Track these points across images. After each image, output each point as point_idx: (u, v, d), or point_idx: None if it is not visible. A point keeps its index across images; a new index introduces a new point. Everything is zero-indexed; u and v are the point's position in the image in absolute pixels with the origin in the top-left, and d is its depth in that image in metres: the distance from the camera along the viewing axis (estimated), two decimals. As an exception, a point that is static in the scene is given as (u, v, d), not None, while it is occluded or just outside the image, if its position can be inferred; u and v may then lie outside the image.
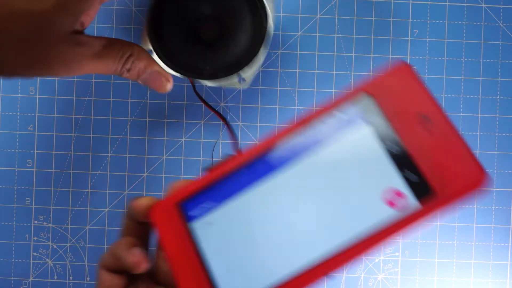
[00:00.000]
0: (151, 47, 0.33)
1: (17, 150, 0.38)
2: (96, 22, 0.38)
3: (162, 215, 0.25)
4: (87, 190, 0.38)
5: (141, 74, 0.31)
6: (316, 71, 0.38)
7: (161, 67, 0.32)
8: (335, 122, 0.25)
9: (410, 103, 0.24)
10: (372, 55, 0.38)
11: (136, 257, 0.25)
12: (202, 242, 0.25)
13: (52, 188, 0.38)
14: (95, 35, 0.32)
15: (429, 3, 0.38)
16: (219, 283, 0.24)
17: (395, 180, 0.24)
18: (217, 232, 0.25)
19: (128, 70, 0.30)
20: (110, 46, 0.29)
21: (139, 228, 0.27)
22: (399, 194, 0.23)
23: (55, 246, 0.38)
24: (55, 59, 0.27)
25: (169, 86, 0.32)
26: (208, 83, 0.34)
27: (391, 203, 0.24)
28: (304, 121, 0.25)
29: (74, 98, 0.38)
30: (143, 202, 0.26)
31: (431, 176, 0.23)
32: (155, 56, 0.33)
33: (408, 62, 0.25)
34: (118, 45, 0.30)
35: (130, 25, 0.38)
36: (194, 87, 0.37)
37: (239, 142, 0.38)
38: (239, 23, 0.34)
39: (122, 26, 0.38)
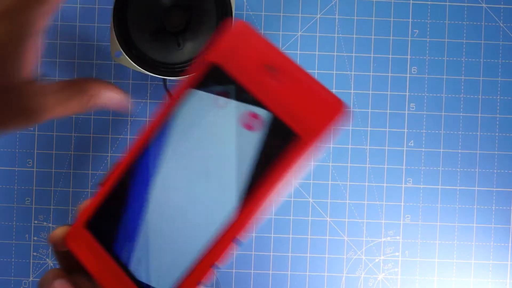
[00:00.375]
0: (120, 49, 0.34)
1: (17, 150, 0.38)
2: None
3: (76, 240, 0.27)
4: (87, 190, 0.38)
5: (100, 103, 0.31)
6: (316, 71, 0.38)
7: (117, 90, 0.31)
8: (195, 100, 0.26)
9: (253, 58, 0.25)
10: (372, 55, 0.38)
11: None
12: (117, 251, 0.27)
13: (52, 188, 0.38)
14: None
15: (429, 3, 0.38)
16: (139, 277, 0.26)
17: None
18: (126, 236, 0.27)
19: (90, 106, 0.30)
20: (67, 89, 0.29)
21: (67, 256, 0.28)
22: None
23: (55, 246, 0.38)
24: (13, 114, 0.28)
25: (129, 105, 0.32)
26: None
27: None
28: (167, 108, 0.26)
29: (74, 98, 0.38)
30: (57, 233, 0.27)
31: (294, 122, 0.25)
32: (125, 58, 0.34)
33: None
34: (76, 87, 0.29)
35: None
36: (165, 85, 0.37)
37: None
38: (204, 12, 0.34)
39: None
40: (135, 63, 0.34)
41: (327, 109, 0.25)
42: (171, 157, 0.27)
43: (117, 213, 0.27)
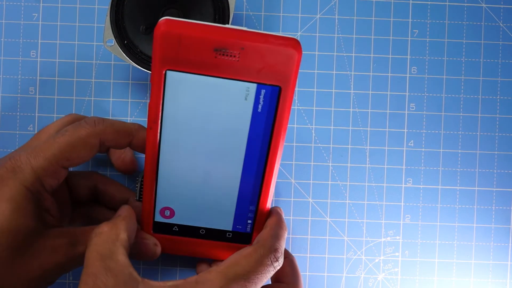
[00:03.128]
0: (113, 38, 0.34)
1: (17, 150, 0.38)
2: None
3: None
4: (87, 190, 0.38)
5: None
6: (316, 71, 0.38)
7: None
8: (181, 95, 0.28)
9: (200, 49, 0.26)
10: (372, 55, 0.38)
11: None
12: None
13: (52, 188, 0.38)
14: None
15: (429, 3, 0.38)
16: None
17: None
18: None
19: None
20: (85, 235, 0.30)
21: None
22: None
23: (55, 246, 0.38)
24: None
25: (158, 250, 0.32)
26: None
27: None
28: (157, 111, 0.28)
29: (74, 98, 0.38)
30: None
31: (268, 79, 0.27)
32: (119, 50, 0.34)
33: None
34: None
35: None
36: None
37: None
38: (201, 9, 0.34)
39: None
40: (124, 54, 0.34)
41: (288, 52, 0.26)
42: (185, 141, 0.29)
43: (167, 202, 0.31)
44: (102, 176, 0.35)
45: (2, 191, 0.27)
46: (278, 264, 0.30)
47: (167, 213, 0.32)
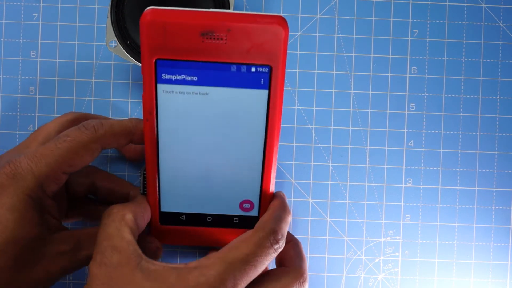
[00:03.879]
0: (115, 39, 0.34)
1: (17, 150, 0.38)
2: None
3: (160, 234, 0.34)
4: (87, 190, 0.38)
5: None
6: (316, 71, 0.38)
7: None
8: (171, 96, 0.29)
9: (188, 35, 0.27)
10: (372, 55, 0.38)
11: None
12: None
13: (52, 188, 0.38)
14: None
15: (429, 3, 0.38)
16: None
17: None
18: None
19: None
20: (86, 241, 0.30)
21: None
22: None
23: (55, 246, 0.38)
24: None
25: (159, 254, 0.33)
26: None
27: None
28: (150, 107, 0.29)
29: (74, 98, 0.38)
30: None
31: (258, 59, 0.27)
32: (120, 49, 0.34)
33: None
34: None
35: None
36: None
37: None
38: (201, 5, 0.34)
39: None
40: (128, 54, 0.34)
41: (274, 30, 0.26)
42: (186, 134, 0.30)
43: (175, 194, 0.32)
44: (101, 171, 0.35)
45: (3, 201, 0.27)
46: (279, 247, 0.29)
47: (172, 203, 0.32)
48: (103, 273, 0.26)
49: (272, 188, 0.32)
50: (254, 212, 0.32)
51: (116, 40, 0.34)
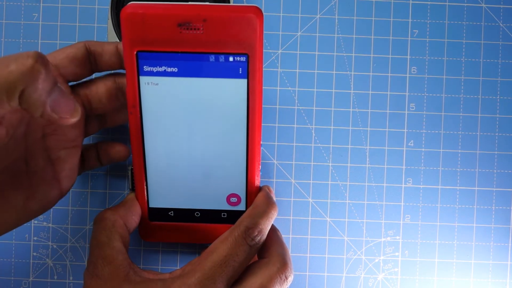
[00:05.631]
0: (118, 40, 0.34)
1: (17, 150, 0.38)
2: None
3: (149, 232, 0.35)
4: (87, 190, 0.38)
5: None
6: (316, 71, 0.38)
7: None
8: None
9: (166, 27, 0.27)
10: (372, 55, 0.38)
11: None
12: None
13: (52, 188, 0.38)
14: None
15: (429, 3, 0.38)
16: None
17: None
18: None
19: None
20: None
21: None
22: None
23: (55, 246, 0.38)
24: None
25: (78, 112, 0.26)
26: None
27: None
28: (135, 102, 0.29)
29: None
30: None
31: (235, 48, 0.28)
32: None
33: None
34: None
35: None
36: None
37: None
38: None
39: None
40: None
41: (249, 19, 0.27)
42: (171, 128, 0.30)
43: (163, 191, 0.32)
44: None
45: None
46: (256, 243, 0.29)
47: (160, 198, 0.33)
48: (94, 285, 0.28)
49: (258, 181, 0.32)
50: (241, 207, 0.32)
51: (119, 42, 0.34)
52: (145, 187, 0.32)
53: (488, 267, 0.38)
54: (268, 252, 0.30)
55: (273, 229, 0.32)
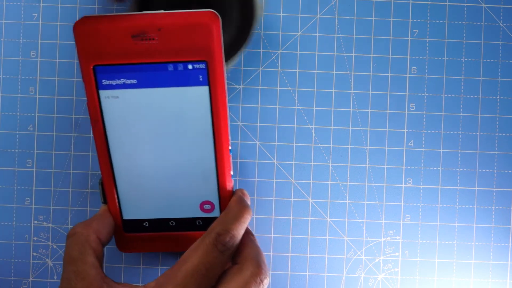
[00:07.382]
0: None
1: (17, 150, 0.38)
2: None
3: (125, 243, 0.34)
4: (87, 190, 0.38)
5: None
6: (316, 71, 0.38)
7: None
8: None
9: (120, 39, 0.27)
10: (372, 55, 0.38)
11: None
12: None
13: (52, 188, 0.38)
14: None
15: (429, 3, 0.38)
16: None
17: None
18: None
19: None
20: None
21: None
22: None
23: (55, 246, 0.38)
24: None
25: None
26: None
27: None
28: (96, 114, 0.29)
29: (74, 98, 0.38)
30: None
31: (192, 55, 0.27)
32: None
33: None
34: None
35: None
36: None
37: (239, 142, 0.38)
38: (226, 12, 0.34)
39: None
40: None
41: (204, 25, 0.27)
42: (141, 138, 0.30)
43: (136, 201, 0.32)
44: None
45: None
46: (227, 249, 0.28)
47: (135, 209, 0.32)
48: None
49: (231, 186, 0.31)
50: (215, 213, 0.32)
51: None
52: (116, 199, 0.31)
53: (488, 267, 0.38)
54: (241, 257, 0.30)
55: (246, 233, 0.31)
